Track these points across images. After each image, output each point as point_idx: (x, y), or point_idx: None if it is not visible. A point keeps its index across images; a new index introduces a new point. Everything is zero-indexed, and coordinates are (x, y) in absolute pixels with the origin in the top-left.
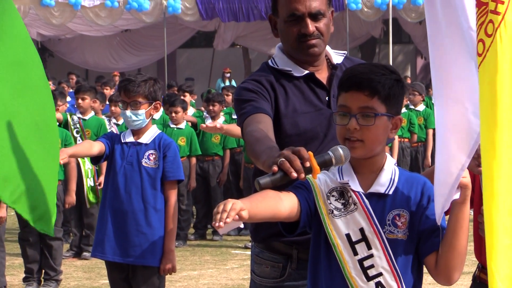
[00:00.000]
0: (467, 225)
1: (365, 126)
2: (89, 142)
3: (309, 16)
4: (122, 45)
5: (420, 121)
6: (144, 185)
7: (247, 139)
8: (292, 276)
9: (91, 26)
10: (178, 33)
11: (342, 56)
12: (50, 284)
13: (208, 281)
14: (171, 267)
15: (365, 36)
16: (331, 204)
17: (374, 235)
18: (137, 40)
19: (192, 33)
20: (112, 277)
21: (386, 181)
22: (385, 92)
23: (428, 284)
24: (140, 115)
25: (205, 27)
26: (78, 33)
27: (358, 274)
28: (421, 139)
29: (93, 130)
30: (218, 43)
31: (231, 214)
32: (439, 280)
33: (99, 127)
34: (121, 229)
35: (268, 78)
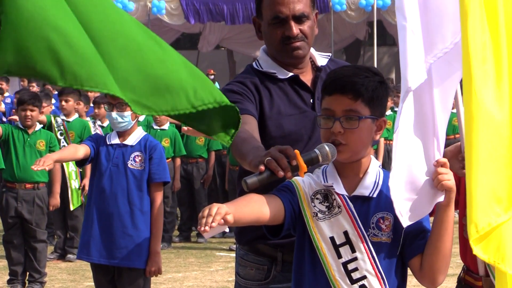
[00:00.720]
0: (451, 228)
1: (349, 129)
2: (74, 146)
3: (293, 18)
4: None
5: None
6: (130, 187)
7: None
8: (277, 278)
9: None
10: (163, 35)
11: (327, 58)
12: (35, 286)
13: (192, 283)
14: (157, 269)
15: (350, 38)
16: (315, 207)
17: (358, 238)
18: None
19: (176, 35)
20: (98, 279)
21: (371, 184)
22: (369, 94)
23: (413, 286)
24: (126, 117)
25: (189, 29)
26: None
27: (342, 277)
28: None
29: (77, 132)
30: (203, 45)
31: (216, 218)
32: (424, 283)
33: (83, 129)
34: (107, 231)
35: (252, 80)
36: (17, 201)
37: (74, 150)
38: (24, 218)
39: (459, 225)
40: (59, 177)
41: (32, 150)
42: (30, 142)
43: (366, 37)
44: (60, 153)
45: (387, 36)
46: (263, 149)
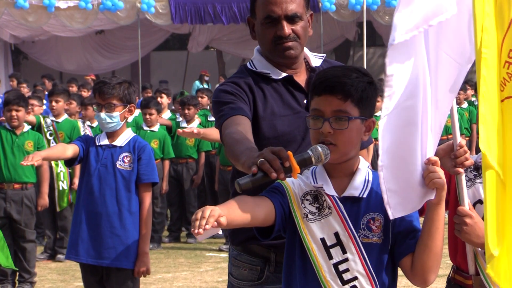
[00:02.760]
0: (442, 226)
1: (338, 129)
2: (62, 145)
3: (286, 18)
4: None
5: None
6: (118, 188)
7: (226, 140)
8: (270, 279)
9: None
10: (152, 35)
11: (321, 59)
12: (25, 286)
13: (182, 284)
14: (145, 270)
15: (339, 38)
16: (305, 208)
17: (349, 239)
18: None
19: (166, 35)
20: (87, 279)
21: (360, 184)
22: (358, 95)
23: (403, 287)
24: (115, 117)
25: (179, 29)
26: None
27: (333, 278)
28: None
29: (66, 132)
30: (192, 46)
31: (210, 221)
32: (415, 282)
33: (73, 129)
34: (95, 231)
35: (246, 80)
36: (6, 201)
37: (63, 148)
38: (13, 218)
39: (448, 225)
40: (47, 177)
41: (20, 151)
42: (18, 143)
43: (355, 38)
44: (48, 150)
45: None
46: (256, 150)
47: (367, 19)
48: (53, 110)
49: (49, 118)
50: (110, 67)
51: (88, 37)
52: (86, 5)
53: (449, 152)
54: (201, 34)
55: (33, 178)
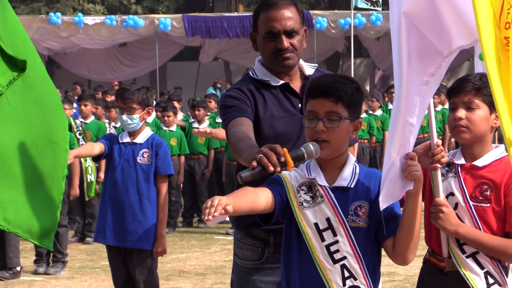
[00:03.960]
0: (419, 213)
1: (330, 128)
2: (90, 144)
3: (285, 33)
4: (119, 58)
5: (378, 124)
6: (139, 179)
7: (231, 139)
8: (269, 259)
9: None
10: (168, 47)
11: (313, 68)
12: (58, 265)
13: (194, 263)
14: (163, 250)
15: (330, 51)
16: (300, 197)
17: (339, 224)
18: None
19: (180, 48)
20: (112, 259)
21: (348, 176)
22: (348, 98)
23: (386, 265)
24: (135, 119)
25: (191, 42)
26: (82, 47)
27: (326, 258)
28: (379, 140)
29: (93, 132)
30: (203, 57)
31: (218, 209)
32: (397, 261)
33: (99, 129)
34: (119, 217)
35: (249, 87)
36: None
37: (91, 147)
38: None
39: (425, 214)
40: (77, 171)
41: None
42: None
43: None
44: (79, 149)
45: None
46: (256, 147)
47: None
48: (82, 113)
49: (78, 119)
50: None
51: (113, 49)
52: (111, 22)
53: (427, 150)
54: (210, 47)
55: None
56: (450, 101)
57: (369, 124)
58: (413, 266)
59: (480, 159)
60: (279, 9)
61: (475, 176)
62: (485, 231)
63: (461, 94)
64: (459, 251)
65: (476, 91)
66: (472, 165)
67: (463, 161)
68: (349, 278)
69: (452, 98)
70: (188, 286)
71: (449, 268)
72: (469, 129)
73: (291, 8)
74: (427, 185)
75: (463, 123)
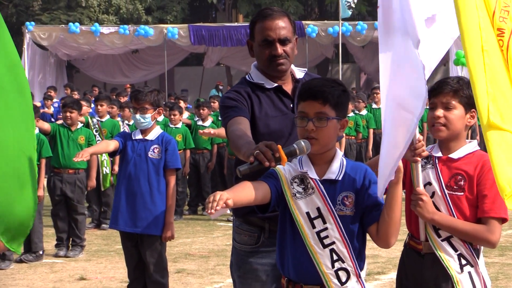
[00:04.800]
0: (400, 201)
1: (319, 127)
2: (106, 142)
3: (279, 41)
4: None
5: (363, 122)
6: (149, 172)
7: (230, 136)
8: (264, 243)
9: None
10: (175, 54)
11: (303, 72)
12: (76, 249)
13: (199, 247)
14: (171, 236)
15: (320, 57)
16: (294, 189)
17: (328, 213)
18: (144, 59)
19: (186, 54)
20: (124, 243)
21: (336, 170)
22: (335, 100)
23: (370, 249)
24: (147, 118)
25: (196, 49)
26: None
27: (316, 243)
28: (364, 137)
29: (108, 129)
30: (207, 63)
31: (220, 203)
32: (380, 245)
33: (113, 127)
34: (131, 206)
35: (245, 89)
36: (62, 183)
37: (106, 145)
38: (67, 196)
39: (405, 201)
40: (95, 165)
41: (74, 144)
42: (73, 137)
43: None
44: (95, 147)
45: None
46: (253, 144)
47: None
48: (99, 112)
49: (95, 118)
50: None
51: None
52: (124, 31)
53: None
54: (213, 53)
55: (84, 165)
56: (429, 101)
57: (355, 123)
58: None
59: (455, 152)
60: (273, 19)
61: (451, 168)
62: (459, 217)
63: (440, 95)
64: (435, 235)
65: (454, 93)
66: (448, 158)
67: (440, 154)
68: (337, 261)
69: (432, 99)
70: (193, 267)
71: (426, 250)
72: (447, 126)
73: (284, 18)
74: (407, 176)
75: (441, 121)
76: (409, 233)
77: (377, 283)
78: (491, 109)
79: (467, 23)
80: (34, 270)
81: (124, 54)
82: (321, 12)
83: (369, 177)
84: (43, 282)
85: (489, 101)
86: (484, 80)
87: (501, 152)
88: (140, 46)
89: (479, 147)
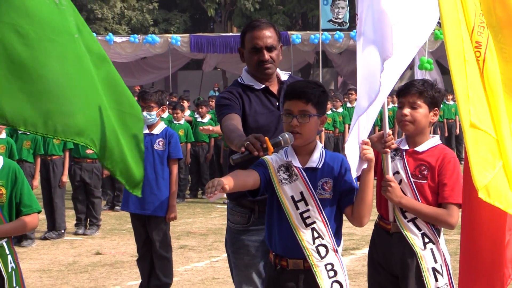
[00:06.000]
0: (372, 186)
1: (303, 123)
2: None
3: (266, 48)
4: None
5: (340, 119)
6: (155, 162)
7: (224, 130)
8: (254, 223)
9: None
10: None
11: (287, 75)
12: (93, 228)
13: (198, 226)
14: (174, 217)
15: (303, 62)
16: (280, 176)
17: (309, 196)
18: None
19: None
20: (134, 223)
21: (317, 159)
22: (316, 100)
23: (346, 227)
24: (152, 115)
25: (196, 56)
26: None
27: (299, 222)
28: (341, 131)
29: None
30: (205, 67)
31: (218, 188)
32: (354, 224)
33: None
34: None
35: (237, 90)
36: (81, 171)
37: None
38: (86, 182)
39: (376, 187)
40: None
41: None
42: None
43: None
44: None
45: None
46: (244, 136)
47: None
48: None
49: None
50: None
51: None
52: (134, 40)
53: (380, 138)
54: (211, 59)
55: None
56: (398, 100)
57: (333, 119)
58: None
59: (420, 146)
60: (261, 30)
61: (416, 159)
62: (422, 202)
63: (407, 96)
64: (402, 217)
65: (419, 94)
66: (414, 151)
67: (407, 147)
68: (317, 238)
69: (400, 98)
70: (194, 244)
71: (394, 230)
72: (413, 123)
73: (270, 29)
74: (379, 165)
75: (408, 119)
76: (379, 215)
77: (352, 257)
78: (472, 111)
79: (451, 36)
80: (56, 246)
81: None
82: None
83: (345, 165)
84: (64, 257)
85: (470, 105)
86: (466, 86)
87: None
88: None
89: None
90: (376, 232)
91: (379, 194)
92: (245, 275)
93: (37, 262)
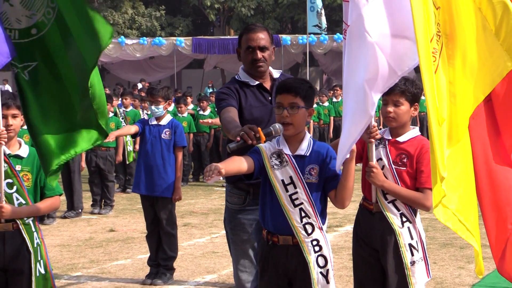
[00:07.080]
0: (353, 173)
1: (292, 114)
2: (128, 127)
3: (259, 48)
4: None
5: (325, 112)
6: (163, 150)
7: (222, 122)
8: (250, 203)
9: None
10: (182, 60)
11: (279, 73)
12: (107, 208)
13: (200, 206)
14: (179, 198)
15: (292, 62)
16: (272, 162)
17: (298, 180)
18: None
19: (190, 60)
20: (144, 203)
21: (305, 147)
22: (304, 93)
23: (330, 207)
24: (160, 109)
25: (198, 56)
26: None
27: (289, 203)
28: (326, 122)
29: (131, 117)
30: (206, 66)
31: (215, 172)
32: (337, 206)
33: (135, 115)
34: (149, 175)
35: (235, 86)
36: (97, 157)
37: (128, 129)
38: (100, 167)
39: (362, 171)
40: (122, 144)
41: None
42: None
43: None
44: (120, 131)
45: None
46: (240, 127)
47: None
48: (124, 104)
49: (121, 109)
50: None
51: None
52: (143, 42)
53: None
54: (211, 59)
55: (113, 144)
56: (382, 98)
57: (318, 112)
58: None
59: (401, 136)
60: (255, 32)
61: (397, 148)
62: (402, 186)
63: (391, 94)
64: (383, 198)
65: (401, 93)
66: (396, 140)
67: (390, 137)
68: (304, 217)
69: (384, 96)
70: (196, 222)
71: (376, 209)
72: (395, 119)
73: (264, 32)
74: (364, 152)
75: (392, 116)
76: (363, 196)
77: (335, 233)
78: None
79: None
80: (75, 224)
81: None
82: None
83: (330, 154)
84: (81, 233)
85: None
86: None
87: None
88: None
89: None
90: (360, 211)
91: (364, 178)
92: (242, 250)
93: (58, 238)
